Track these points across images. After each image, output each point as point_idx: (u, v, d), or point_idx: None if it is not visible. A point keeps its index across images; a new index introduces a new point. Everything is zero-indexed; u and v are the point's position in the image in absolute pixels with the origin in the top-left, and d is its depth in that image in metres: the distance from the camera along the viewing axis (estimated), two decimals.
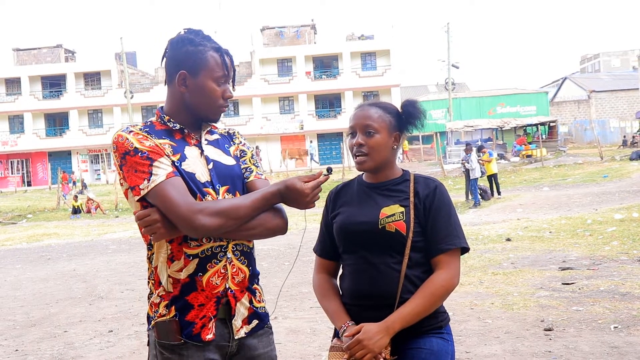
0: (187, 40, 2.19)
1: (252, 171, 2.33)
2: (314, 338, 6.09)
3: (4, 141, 51.57)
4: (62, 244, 17.39)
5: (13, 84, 52.79)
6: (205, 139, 2.29)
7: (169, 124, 2.23)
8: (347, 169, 33.75)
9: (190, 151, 2.22)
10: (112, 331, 6.99)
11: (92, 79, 53.43)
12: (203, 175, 2.19)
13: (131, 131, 2.17)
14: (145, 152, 2.10)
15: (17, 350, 6.46)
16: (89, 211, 27.22)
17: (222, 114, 2.31)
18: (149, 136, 2.17)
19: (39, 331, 7.25)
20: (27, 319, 7.99)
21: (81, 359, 5.98)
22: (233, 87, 2.29)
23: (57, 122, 53.21)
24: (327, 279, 2.49)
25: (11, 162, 52.23)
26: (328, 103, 52.62)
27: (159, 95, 50.34)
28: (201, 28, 2.26)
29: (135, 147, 2.11)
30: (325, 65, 53.06)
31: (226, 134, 2.40)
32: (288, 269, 10.12)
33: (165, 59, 2.25)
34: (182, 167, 2.16)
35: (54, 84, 52.81)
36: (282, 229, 2.26)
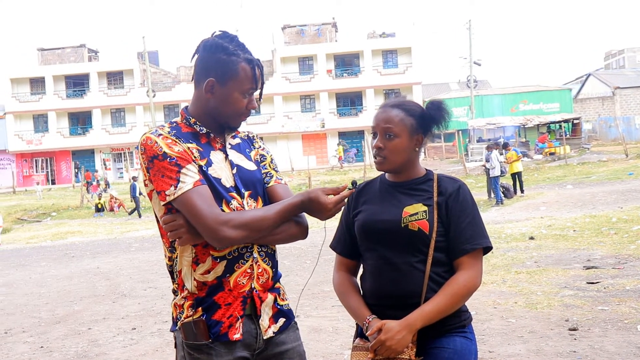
0: (220, 47, 2.15)
1: (272, 176, 2.34)
2: (336, 337, 6.07)
3: (29, 140, 52.25)
4: (85, 242, 17.59)
5: (37, 84, 53.46)
6: (229, 143, 2.30)
7: (195, 126, 2.23)
8: (368, 167, 33.69)
9: (216, 156, 2.22)
10: (135, 329, 7.04)
11: (114, 78, 53.92)
12: (228, 180, 2.20)
13: (160, 134, 2.15)
14: (174, 158, 2.10)
15: (42, 347, 6.54)
16: (112, 209, 27.48)
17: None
18: (177, 140, 2.15)
19: (63, 328, 7.33)
20: (51, 316, 8.08)
21: (105, 356, 6.03)
22: (260, 98, 2.28)
23: (80, 121, 53.78)
24: (347, 277, 2.49)
25: (35, 160, 52.91)
26: (349, 101, 52.52)
27: (181, 94, 50.65)
28: (236, 34, 2.22)
29: (164, 152, 2.10)
30: (346, 63, 52.96)
31: (246, 138, 2.40)
32: (309, 267, 10.13)
33: (195, 58, 2.23)
34: (209, 172, 2.17)
35: (77, 83, 53.39)
36: (302, 234, 2.29)
